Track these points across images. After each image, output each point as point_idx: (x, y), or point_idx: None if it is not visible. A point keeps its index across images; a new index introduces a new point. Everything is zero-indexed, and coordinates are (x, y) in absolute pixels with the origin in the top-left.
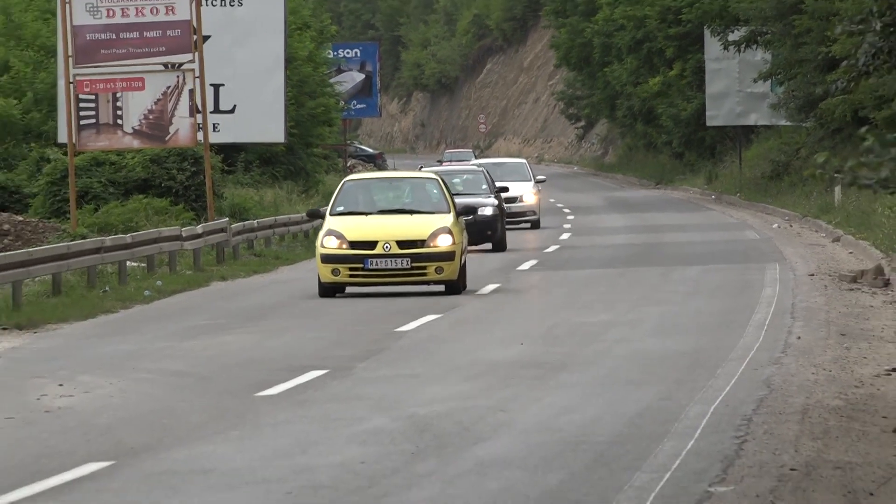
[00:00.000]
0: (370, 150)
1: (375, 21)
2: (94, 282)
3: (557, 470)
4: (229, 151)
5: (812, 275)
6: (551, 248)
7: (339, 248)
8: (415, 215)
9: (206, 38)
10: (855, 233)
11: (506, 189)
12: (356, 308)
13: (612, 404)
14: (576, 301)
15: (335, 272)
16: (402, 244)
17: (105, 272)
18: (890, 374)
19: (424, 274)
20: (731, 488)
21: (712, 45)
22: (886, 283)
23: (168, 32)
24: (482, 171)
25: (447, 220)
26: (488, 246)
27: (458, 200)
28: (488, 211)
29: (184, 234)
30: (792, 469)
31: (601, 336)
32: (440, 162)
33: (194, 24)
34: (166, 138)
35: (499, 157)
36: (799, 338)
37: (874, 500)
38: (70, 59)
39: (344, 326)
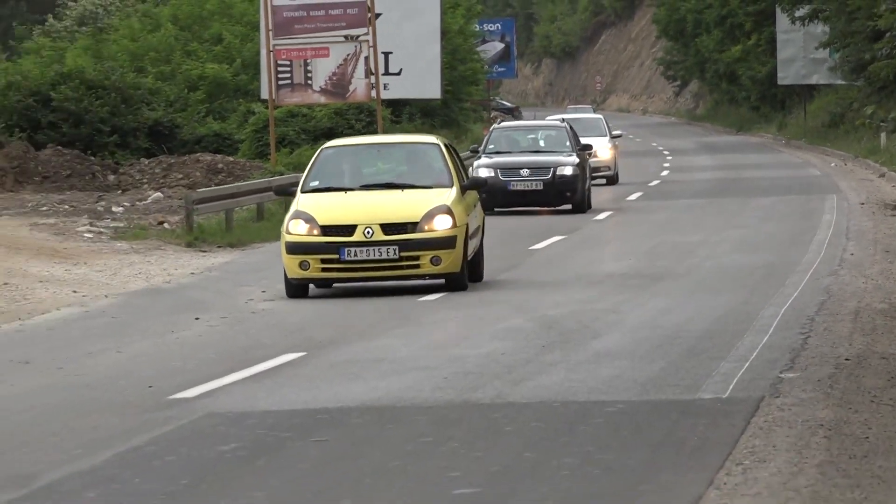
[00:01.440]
0: (509, 104)
1: (512, 1)
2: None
3: (658, 360)
4: (396, 105)
5: (862, 204)
6: (654, 183)
7: (309, 234)
8: (406, 191)
9: (378, 15)
10: None
11: (589, 147)
12: (499, 227)
13: (702, 307)
14: (673, 224)
15: (304, 265)
16: (387, 228)
17: None
18: None
19: (417, 265)
20: (797, 374)
21: (782, 20)
22: None
23: (348, 11)
24: (565, 128)
25: (448, 196)
26: (569, 207)
27: (536, 158)
28: (568, 170)
29: None
30: (846, 359)
31: (693, 253)
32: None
33: (369, 4)
34: (346, 95)
35: (604, 111)
36: (852, 254)
37: None
38: (270, 33)
39: (488, 245)
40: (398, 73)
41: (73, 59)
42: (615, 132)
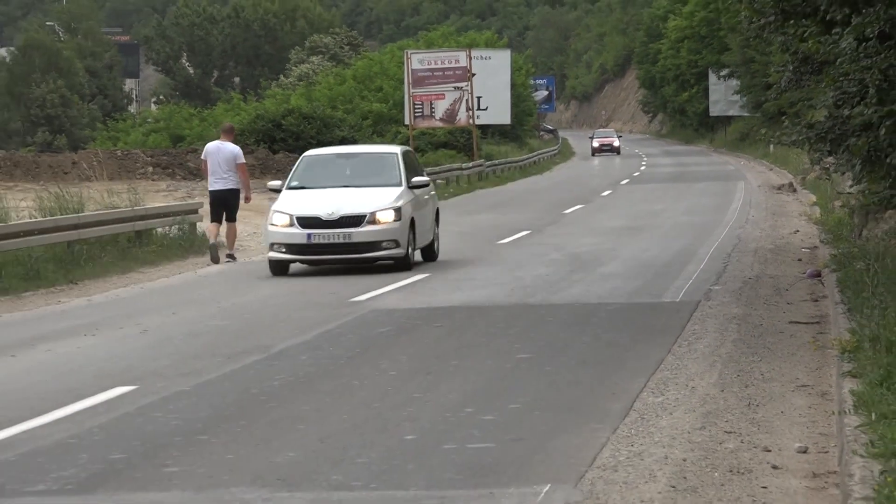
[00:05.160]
0: (551, 128)
1: (553, 65)
2: None
3: (639, 278)
4: (484, 128)
5: (759, 186)
6: (636, 173)
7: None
8: None
9: (473, 74)
10: (780, 166)
11: None
12: (541, 200)
13: (665, 248)
14: (647, 198)
15: None
16: None
17: None
18: (795, 233)
19: None
20: (720, 287)
21: (712, 77)
22: (794, 190)
23: (456, 72)
24: None
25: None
26: None
27: None
28: None
29: (463, 167)
30: (749, 278)
31: (659, 215)
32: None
33: (468, 68)
34: (455, 122)
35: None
36: (753, 216)
37: (788, 292)
38: (409, 85)
39: (538, 210)
40: (485, 109)
41: (294, 101)
42: (420, 179)
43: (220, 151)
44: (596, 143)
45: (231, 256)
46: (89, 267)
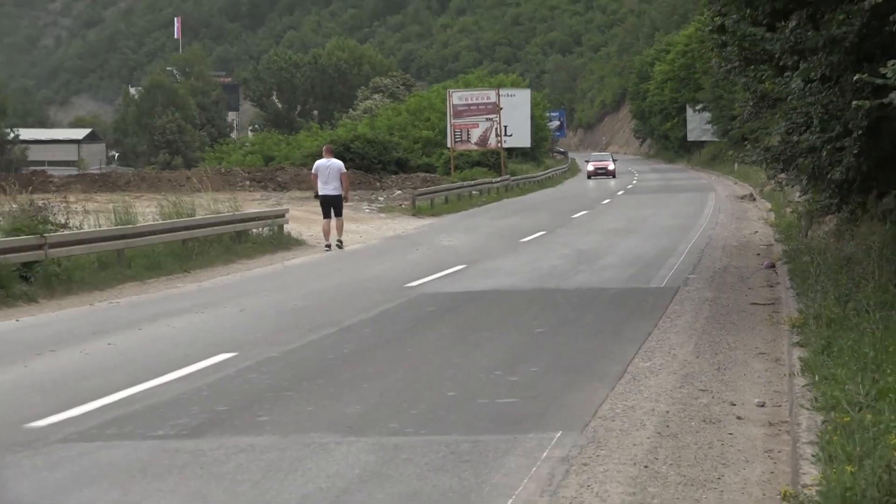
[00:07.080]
0: (562, 150)
1: (564, 101)
2: (458, 198)
3: (631, 268)
4: (510, 150)
5: (727, 196)
6: (629, 186)
7: None
8: None
9: (500, 108)
10: (742, 181)
11: None
12: (554, 208)
13: (652, 245)
14: (639, 206)
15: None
16: None
17: (464, 195)
18: (755, 233)
19: None
20: (696, 275)
21: (689, 110)
22: (754, 200)
23: (487, 106)
24: None
25: None
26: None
27: None
28: None
29: (493, 181)
30: (718, 268)
31: (648, 219)
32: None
33: (497, 103)
34: (486, 145)
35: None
36: (721, 219)
37: (750, 280)
38: (451, 116)
39: (551, 215)
40: (510, 135)
41: (360, 129)
42: None
43: (330, 166)
44: (591, 167)
45: (339, 242)
46: (199, 259)
